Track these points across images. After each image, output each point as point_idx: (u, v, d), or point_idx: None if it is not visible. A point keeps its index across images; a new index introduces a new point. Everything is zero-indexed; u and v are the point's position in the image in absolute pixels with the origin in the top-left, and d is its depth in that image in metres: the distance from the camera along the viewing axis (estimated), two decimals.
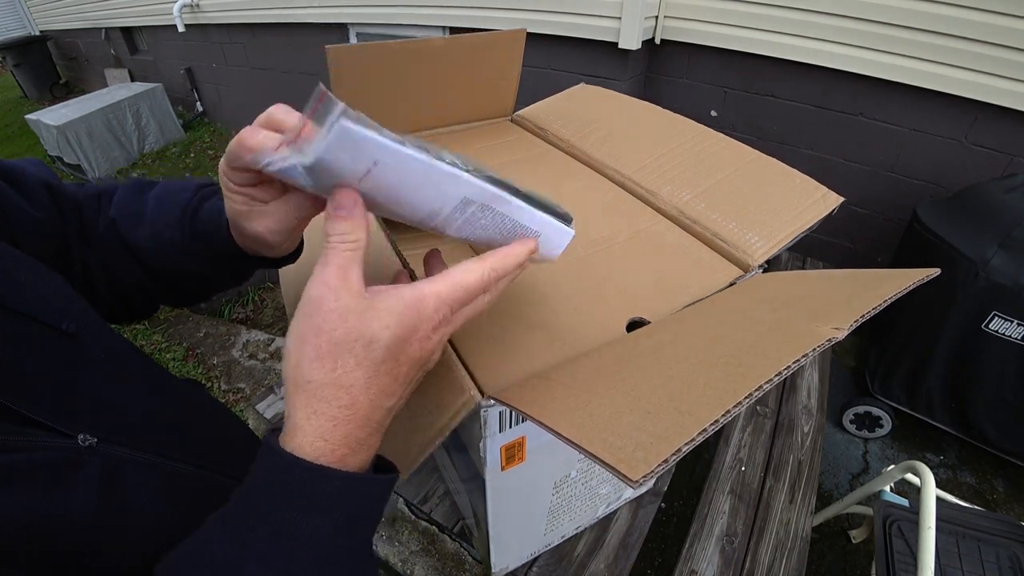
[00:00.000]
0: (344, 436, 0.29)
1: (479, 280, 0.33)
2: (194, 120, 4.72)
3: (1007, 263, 1.31)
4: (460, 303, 0.32)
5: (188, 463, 0.42)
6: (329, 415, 0.29)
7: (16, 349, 0.34)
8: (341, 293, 0.29)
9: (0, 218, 0.41)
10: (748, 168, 0.68)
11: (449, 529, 0.83)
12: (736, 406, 0.23)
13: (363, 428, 0.30)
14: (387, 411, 0.31)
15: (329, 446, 0.29)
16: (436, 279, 0.32)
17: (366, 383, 0.29)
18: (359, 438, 0.30)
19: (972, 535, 1.05)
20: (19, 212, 0.42)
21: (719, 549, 0.84)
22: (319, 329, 0.29)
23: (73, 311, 0.40)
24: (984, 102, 1.58)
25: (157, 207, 0.48)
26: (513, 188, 0.34)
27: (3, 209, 0.41)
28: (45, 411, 0.34)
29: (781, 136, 2.03)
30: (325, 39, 3.06)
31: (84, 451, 0.34)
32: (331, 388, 0.29)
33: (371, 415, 0.30)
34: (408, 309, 0.30)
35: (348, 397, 0.29)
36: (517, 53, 0.81)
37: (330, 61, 0.66)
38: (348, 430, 0.29)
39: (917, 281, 0.34)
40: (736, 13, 1.84)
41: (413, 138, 0.30)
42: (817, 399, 1.14)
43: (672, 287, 0.53)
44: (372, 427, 0.31)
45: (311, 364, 0.29)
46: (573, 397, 0.32)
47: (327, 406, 0.29)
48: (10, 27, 6.61)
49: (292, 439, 0.29)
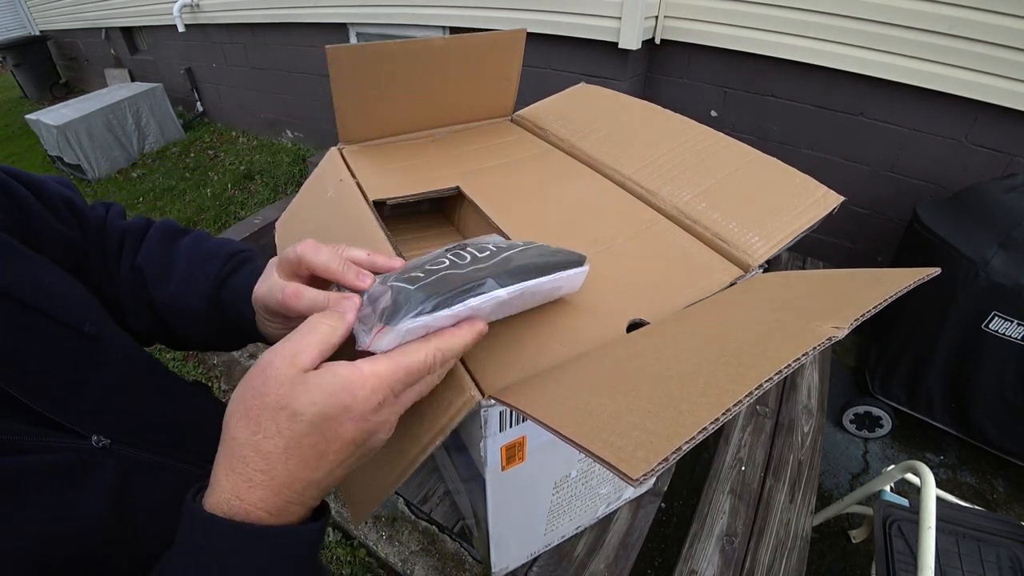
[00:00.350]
0: (260, 499, 0.29)
1: (423, 362, 0.33)
2: (194, 120, 4.72)
3: (1007, 263, 1.31)
4: (403, 384, 0.32)
5: (195, 464, 0.42)
6: (245, 475, 0.29)
7: (39, 347, 0.35)
8: (286, 363, 0.30)
9: (25, 225, 0.42)
10: (748, 168, 0.68)
11: (449, 529, 0.83)
12: (736, 405, 0.23)
13: (279, 495, 0.29)
14: (309, 484, 0.30)
15: (244, 506, 0.29)
16: (379, 359, 0.31)
17: (284, 453, 0.29)
18: (276, 504, 0.29)
19: (972, 535, 1.05)
20: (42, 222, 0.43)
21: (719, 549, 0.84)
22: (255, 391, 0.30)
23: (94, 314, 0.41)
24: (984, 102, 1.58)
25: (187, 270, 0.49)
26: (536, 268, 0.39)
27: (28, 217, 0.42)
28: (62, 411, 0.34)
29: (781, 136, 2.03)
30: (325, 39, 3.06)
31: (98, 452, 0.35)
32: (250, 450, 0.29)
33: (289, 485, 0.30)
34: (341, 390, 0.29)
35: (265, 463, 0.29)
36: (517, 53, 0.81)
37: (330, 61, 0.66)
38: (263, 495, 0.29)
39: (917, 280, 0.34)
40: (736, 13, 1.84)
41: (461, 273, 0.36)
42: (817, 399, 1.14)
43: (672, 287, 0.53)
44: (291, 496, 0.30)
45: (238, 422, 0.30)
46: (573, 397, 0.32)
47: (244, 466, 0.29)
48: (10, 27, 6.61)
49: (210, 495, 0.29)
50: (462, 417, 0.40)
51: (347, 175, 0.71)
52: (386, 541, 0.83)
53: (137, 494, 0.36)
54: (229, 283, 0.48)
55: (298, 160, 3.82)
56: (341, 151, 0.77)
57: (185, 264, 0.49)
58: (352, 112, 0.74)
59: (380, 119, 0.78)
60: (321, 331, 0.32)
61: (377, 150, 0.78)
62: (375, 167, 0.73)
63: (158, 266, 0.49)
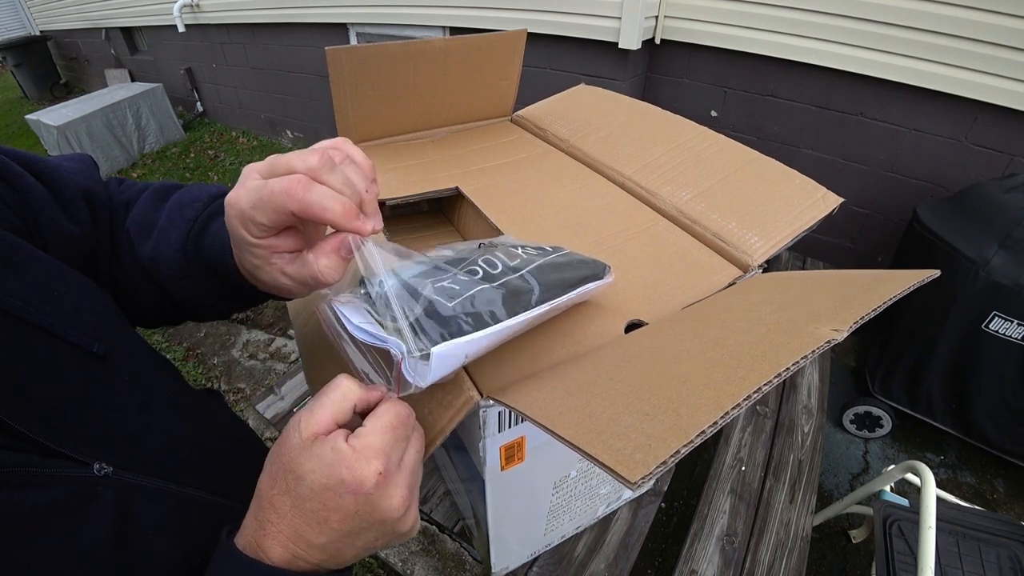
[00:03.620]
0: (271, 546, 0.32)
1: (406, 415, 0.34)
2: (194, 120, 4.72)
3: (1007, 263, 1.31)
4: (398, 446, 0.33)
5: (201, 489, 0.42)
6: (261, 522, 0.32)
7: (42, 369, 0.34)
8: (299, 428, 0.32)
9: (33, 223, 0.40)
10: (748, 168, 0.68)
11: (449, 529, 0.83)
12: (735, 408, 0.23)
13: (287, 548, 0.32)
14: (313, 546, 0.32)
15: (260, 549, 0.32)
16: (368, 430, 0.32)
17: (291, 511, 0.32)
18: (284, 555, 0.32)
19: (972, 535, 1.05)
20: (53, 223, 0.41)
21: (719, 549, 0.84)
22: (278, 449, 0.33)
23: (105, 329, 0.39)
24: (984, 102, 1.58)
25: (165, 220, 0.45)
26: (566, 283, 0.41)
27: (37, 216, 0.40)
28: (65, 439, 0.33)
29: (781, 136, 2.03)
30: (325, 39, 3.06)
31: (99, 481, 0.34)
32: (267, 501, 0.32)
33: (295, 540, 0.32)
34: (337, 464, 0.31)
35: (276, 515, 0.32)
36: (517, 54, 0.81)
37: (330, 62, 0.66)
38: (273, 543, 0.32)
39: (917, 282, 0.34)
40: (736, 13, 1.84)
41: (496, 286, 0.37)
42: (817, 399, 1.14)
43: (672, 287, 0.53)
44: (297, 552, 0.32)
45: (264, 475, 0.33)
46: (572, 398, 0.32)
47: (262, 514, 0.32)
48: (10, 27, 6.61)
49: (240, 534, 0.33)
50: (461, 417, 0.40)
51: None
52: None
53: (138, 523, 0.35)
54: (209, 227, 0.44)
55: None
56: None
57: (165, 215, 0.45)
58: (352, 112, 0.74)
59: (380, 120, 0.78)
60: (332, 396, 0.33)
61: (377, 150, 0.78)
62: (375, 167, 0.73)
63: (143, 224, 0.46)
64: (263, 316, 2.50)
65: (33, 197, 0.40)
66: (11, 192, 0.39)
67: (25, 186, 0.40)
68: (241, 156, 4.06)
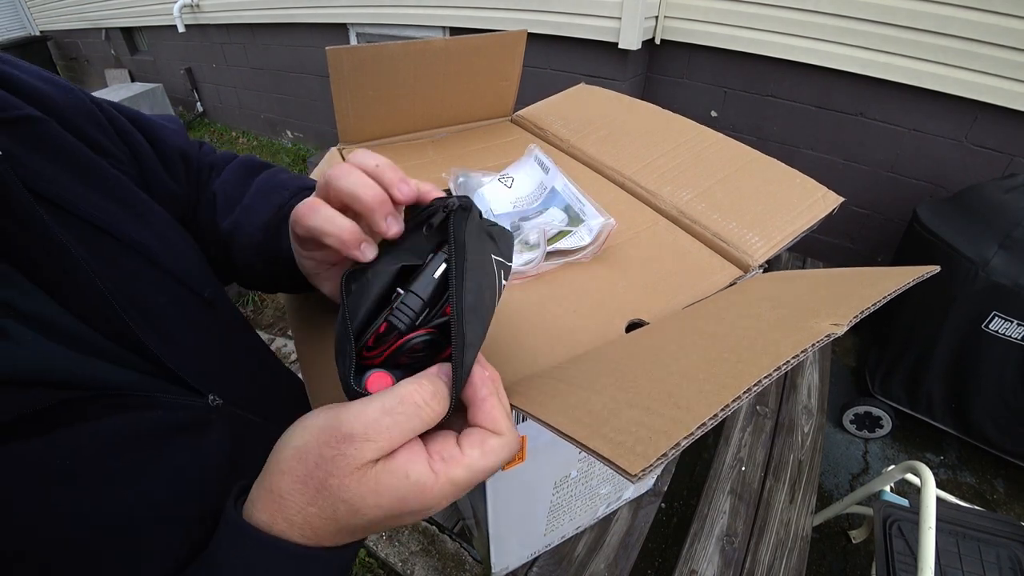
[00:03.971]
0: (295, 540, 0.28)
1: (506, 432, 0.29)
2: (194, 120, 4.72)
3: (1007, 263, 1.31)
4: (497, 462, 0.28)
5: None
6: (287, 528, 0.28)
7: (172, 308, 0.37)
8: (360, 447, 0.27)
9: (141, 181, 0.43)
10: (748, 168, 0.68)
11: (449, 529, 0.83)
12: (735, 401, 0.23)
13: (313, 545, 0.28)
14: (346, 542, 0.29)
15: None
16: (454, 456, 0.28)
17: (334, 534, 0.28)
18: None
19: (972, 535, 1.05)
20: (158, 180, 0.45)
21: (719, 549, 0.84)
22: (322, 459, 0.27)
23: (208, 279, 0.43)
24: (984, 102, 1.58)
25: (253, 198, 0.49)
26: None
27: (144, 174, 0.44)
28: (186, 369, 0.35)
29: (781, 136, 2.03)
30: (325, 39, 3.06)
31: (213, 410, 0.36)
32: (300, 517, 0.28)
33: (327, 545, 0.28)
34: (411, 495, 0.26)
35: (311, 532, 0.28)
36: (518, 54, 0.82)
37: (330, 62, 0.66)
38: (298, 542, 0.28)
39: (916, 278, 0.35)
40: (736, 13, 1.84)
41: None
42: (817, 399, 1.14)
43: (672, 287, 0.53)
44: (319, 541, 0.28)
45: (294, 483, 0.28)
46: (572, 395, 0.32)
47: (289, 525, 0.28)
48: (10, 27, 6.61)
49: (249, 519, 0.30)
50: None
51: None
52: (386, 541, 0.83)
53: (247, 453, 0.36)
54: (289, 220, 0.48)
55: (298, 160, 3.83)
56: (341, 151, 0.77)
57: (253, 192, 0.49)
58: (352, 113, 0.74)
59: (380, 120, 0.78)
60: (404, 409, 0.27)
61: (377, 151, 0.78)
62: None
63: (231, 193, 0.49)
64: (263, 316, 2.50)
65: (143, 154, 0.44)
66: (124, 148, 0.42)
67: (136, 142, 0.43)
68: None
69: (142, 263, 0.36)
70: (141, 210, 0.39)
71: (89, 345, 0.31)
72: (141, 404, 0.32)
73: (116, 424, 0.30)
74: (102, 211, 0.35)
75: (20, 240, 0.29)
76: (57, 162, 0.34)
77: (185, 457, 0.33)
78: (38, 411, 0.27)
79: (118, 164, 0.41)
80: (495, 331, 0.47)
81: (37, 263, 0.30)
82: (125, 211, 0.37)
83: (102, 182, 0.37)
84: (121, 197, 0.38)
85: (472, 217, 0.32)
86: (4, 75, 0.35)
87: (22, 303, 0.29)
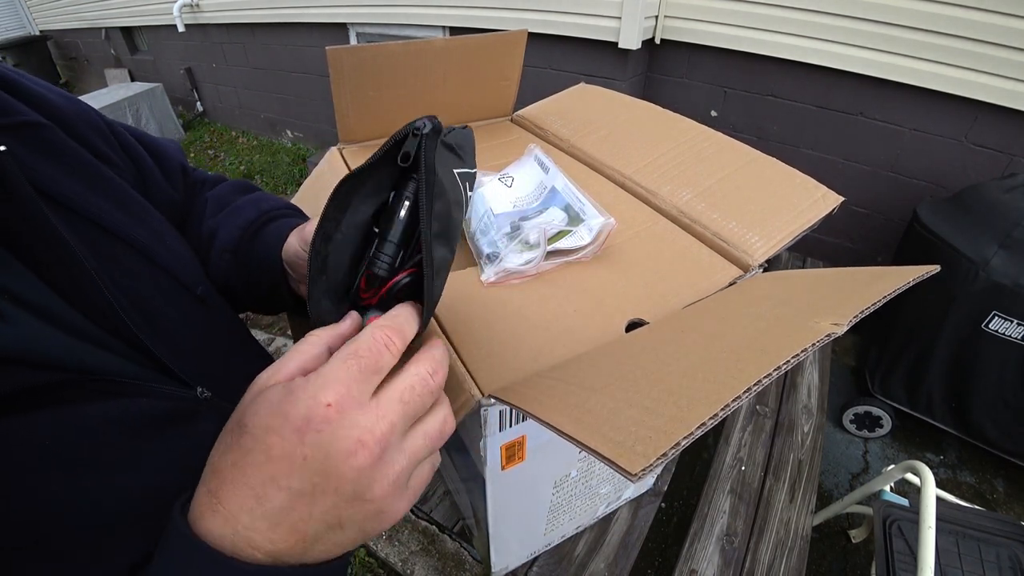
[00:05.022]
0: (210, 521, 0.25)
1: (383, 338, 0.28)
2: (194, 120, 4.72)
3: (1007, 263, 1.31)
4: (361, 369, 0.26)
5: None
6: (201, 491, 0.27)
7: (164, 302, 0.38)
8: (257, 381, 0.28)
9: (143, 191, 0.46)
10: (748, 168, 0.68)
11: (449, 529, 0.83)
12: (735, 400, 0.23)
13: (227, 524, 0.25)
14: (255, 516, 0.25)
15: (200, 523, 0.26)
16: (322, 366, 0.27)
17: (231, 469, 0.26)
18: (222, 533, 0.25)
19: (972, 535, 1.05)
20: (159, 188, 0.48)
21: (719, 548, 0.83)
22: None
23: (203, 279, 0.45)
24: (984, 102, 1.58)
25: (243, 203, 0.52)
26: None
27: (145, 183, 0.47)
28: (176, 361, 0.36)
29: (781, 136, 2.03)
30: (325, 39, 3.06)
31: (202, 403, 0.37)
32: (209, 466, 0.27)
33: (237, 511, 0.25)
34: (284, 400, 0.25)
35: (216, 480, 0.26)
36: (518, 54, 0.82)
37: (331, 62, 0.66)
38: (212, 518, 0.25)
39: (917, 277, 0.35)
40: (737, 13, 1.84)
41: None
42: (817, 398, 1.14)
43: (672, 287, 0.53)
44: (239, 529, 0.25)
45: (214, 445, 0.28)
46: (572, 394, 0.32)
47: (203, 483, 0.27)
48: (10, 27, 6.60)
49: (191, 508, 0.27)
50: (462, 417, 0.40)
51: None
52: (385, 541, 0.83)
53: None
54: (271, 225, 0.50)
55: (298, 160, 3.82)
56: (341, 151, 0.77)
57: (243, 201, 0.52)
58: (352, 112, 0.74)
59: (380, 119, 0.78)
60: (299, 345, 0.29)
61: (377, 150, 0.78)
62: None
63: (220, 200, 0.53)
64: (263, 316, 2.50)
65: (144, 165, 0.47)
66: (126, 158, 0.46)
67: (138, 155, 0.47)
68: (241, 156, 4.06)
69: (138, 260, 0.38)
70: (139, 211, 0.41)
71: (82, 333, 0.32)
72: (130, 391, 0.33)
73: (103, 409, 0.31)
74: (101, 210, 0.37)
75: (19, 228, 0.30)
76: (60, 164, 0.36)
77: (172, 447, 0.33)
78: (25, 389, 0.28)
79: (119, 171, 0.43)
80: (495, 331, 0.47)
81: (35, 252, 0.31)
82: (123, 211, 0.39)
83: (102, 184, 0.39)
84: (120, 199, 0.40)
85: (436, 138, 0.32)
86: (12, 81, 0.37)
87: (18, 288, 0.30)
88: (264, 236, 0.49)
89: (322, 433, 0.24)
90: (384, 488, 0.26)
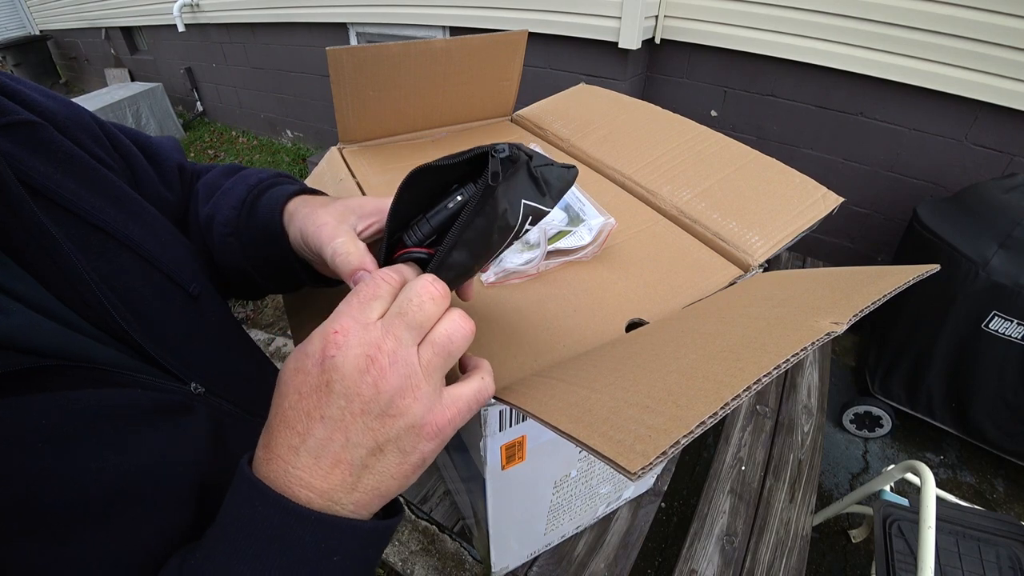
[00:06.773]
0: (267, 468, 0.29)
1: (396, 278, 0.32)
2: (194, 120, 4.72)
3: (1007, 263, 1.31)
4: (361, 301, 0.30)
5: None
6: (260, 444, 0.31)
7: (157, 299, 0.39)
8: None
9: (135, 189, 0.45)
10: (748, 168, 0.68)
11: (449, 529, 0.83)
12: (735, 399, 0.23)
13: (278, 466, 0.28)
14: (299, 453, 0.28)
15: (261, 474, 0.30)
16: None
17: (275, 417, 0.30)
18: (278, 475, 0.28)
19: (972, 535, 1.05)
20: (152, 189, 0.48)
21: (719, 548, 0.84)
22: None
23: (195, 276, 0.45)
24: (984, 102, 1.58)
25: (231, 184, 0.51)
26: None
27: (139, 184, 0.47)
28: (169, 356, 0.37)
29: (781, 136, 2.03)
30: (325, 39, 3.06)
31: (195, 397, 0.38)
32: (265, 426, 0.31)
33: (284, 453, 0.28)
34: (309, 340, 0.29)
35: (266, 434, 0.30)
36: (518, 55, 0.82)
37: (331, 62, 0.66)
38: (268, 465, 0.29)
39: (916, 277, 0.35)
40: (736, 13, 1.84)
41: None
42: (817, 398, 1.14)
43: (672, 287, 0.53)
44: (289, 470, 0.28)
45: None
46: (572, 394, 0.32)
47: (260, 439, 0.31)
48: (10, 27, 6.61)
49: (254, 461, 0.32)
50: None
51: (347, 175, 0.71)
52: None
53: (228, 440, 0.39)
54: (264, 196, 0.49)
55: (298, 160, 3.83)
56: (341, 151, 0.77)
57: (231, 181, 0.52)
58: (352, 112, 0.74)
59: (380, 119, 0.78)
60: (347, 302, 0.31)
61: (377, 150, 0.78)
62: (375, 167, 0.73)
63: (210, 187, 0.52)
64: (263, 316, 2.50)
65: (137, 166, 0.47)
66: (119, 159, 0.46)
67: (131, 155, 0.47)
68: (241, 155, 4.06)
69: (131, 257, 0.38)
70: (133, 209, 0.41)
71: (75, 327, 0.33)
72: (122, 381, 0.33)
73: (96, 395, 0.31)
74: (94, 208, 0.37)
75: (9, 226, 0.30)
76: (52, 162, 0.36)
77: (163, 438, 0.34)
78: (17, 371, 0.28)
79: (112, 171, 0.43)
80: (495, 331, 0.47)
81: (25, 250, 0.31)
82: (117, 208, 0.39)
83: (95, 182, 0.39)
84: (114, 196, 0.40)
85: (519, 165, 0.33)
86: (4, 85, 0.37)
87: (10, 284, 0.30)
88: (259, 208, 0.48)
89: (335, 357, 0.27)
90: (407, 400, 0.28)
